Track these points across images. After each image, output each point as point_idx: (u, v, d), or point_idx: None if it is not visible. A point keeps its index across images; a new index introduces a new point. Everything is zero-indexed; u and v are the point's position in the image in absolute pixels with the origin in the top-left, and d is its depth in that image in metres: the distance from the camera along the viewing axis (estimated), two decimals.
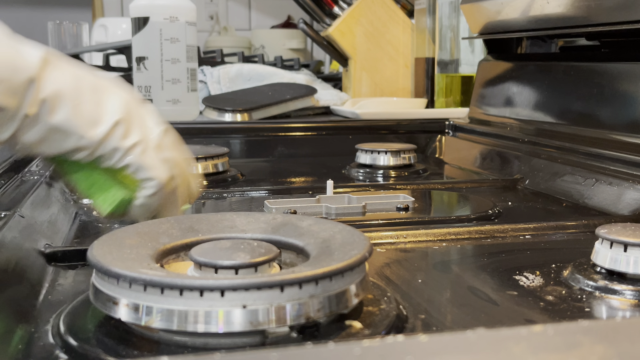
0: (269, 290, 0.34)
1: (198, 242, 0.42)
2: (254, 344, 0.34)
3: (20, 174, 0.69)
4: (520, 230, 0.58)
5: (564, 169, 0.76)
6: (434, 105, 1.30)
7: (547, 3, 0.82)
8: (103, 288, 0.36)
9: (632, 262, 0.43)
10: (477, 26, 1.03)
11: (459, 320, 0.40)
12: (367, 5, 1.35)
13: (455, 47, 1.25)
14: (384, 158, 0.92)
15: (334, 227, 0.43)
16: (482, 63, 1.08)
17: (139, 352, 0.34)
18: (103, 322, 0.37)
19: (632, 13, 0.71)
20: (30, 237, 0.51)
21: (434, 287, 0.46)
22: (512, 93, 0.97)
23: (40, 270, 0.47)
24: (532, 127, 0.91)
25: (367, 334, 0.36)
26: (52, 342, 0.36)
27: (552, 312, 0.40)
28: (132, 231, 0.42)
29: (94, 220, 0.64)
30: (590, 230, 0.58)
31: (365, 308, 0.39)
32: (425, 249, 0.55)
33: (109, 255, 0.37)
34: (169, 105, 1.12)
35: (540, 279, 0.46)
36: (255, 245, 0.39)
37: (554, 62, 0.90)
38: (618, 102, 0.76)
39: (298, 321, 0.34)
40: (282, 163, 1.07)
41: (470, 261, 0.54)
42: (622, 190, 0.67)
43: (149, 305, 0.34)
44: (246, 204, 0.71)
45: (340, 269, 0.36)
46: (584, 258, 0.47)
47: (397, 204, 0.66)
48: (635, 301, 0.42)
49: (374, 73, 1.37)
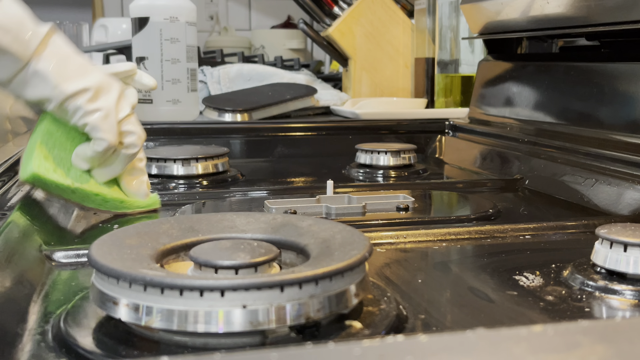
0: (269, 291, 0.34)
1: (198, 242, 0.42)
2: (254, 344, 0.34)
3: None
4: (520, 230, 0.58)
5: (564, 169, 0.76)
6: (434, 105, 1.30)
7: (547, 3, 0.82)
8: (103, 288, 0.36)
9: (632, 262, 0.43)
10: (477, 26, 1.03)
11: (459, 321, 0.40)
12: (367, 5, 1.35)
13: (455, 47, 1.25)
14: (384, 158, 0.92)
15: (334, 227, 0.43)
16: (482, 63, 1.08)
17: (139, 352, 0.34)
18: (103, 322, 0.37)
19: (632, 13, 0.71)
20: (30, 237, 0.51)
21: (434, 287, 0.46)
22: (512, 93, 0.97)
23: (40, 270, 0.47)
24: (532, 127, 0.91)
25: (367, 334, 0.36)
26: (52, 342, 0.36)
27: (552, 312, 0.40)
28: (132, 231, 0.42)
29: (94, 220, 0.64)
30: (590, 230, 0.58)
31: (365, 308, 0.39)
32: (425, 249, 0.55)
33: (109, 256, 0.37)
34: (169, 106, 1.12)
35: (540, 279, 0.46)
36: (255, 246, 0.39)
37: (554, 62, 0.90)
38: (618, 102, 0.76)
39: (298, 321, 0.34)
40: (282, 163, 1.07)
41: (470, 261, 0.54)
42: (622, 190, 0.67)
43: (149, 305, 0.34)
44: (246, 204, 0.71)
45: (340, 269, 0.36)
46: (584, 258, 0.47)
47: (397, 204, 0.66)
48: (635, 301, 0.42)
49: (374, 73, 1.37)
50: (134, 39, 1.13)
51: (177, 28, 1.10)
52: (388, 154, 0.92)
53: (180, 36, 1.11)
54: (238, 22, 2.29)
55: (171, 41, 1.10)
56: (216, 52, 1.61)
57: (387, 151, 0.92)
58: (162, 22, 1.10)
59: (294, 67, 1.62)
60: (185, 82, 1.13)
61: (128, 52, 1.31)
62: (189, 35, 1.12)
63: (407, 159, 0.93)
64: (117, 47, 1.42)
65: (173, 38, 1.10)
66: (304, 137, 1.12)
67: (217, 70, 1.35)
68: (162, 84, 1.11)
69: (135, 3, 1.12)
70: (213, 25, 2.24)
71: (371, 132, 1.13)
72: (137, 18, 1.11)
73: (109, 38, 1.76)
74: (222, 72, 1.34)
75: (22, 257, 0.47)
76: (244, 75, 1.35)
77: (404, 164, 0.93)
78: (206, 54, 1.67)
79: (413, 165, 0.94)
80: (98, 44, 1.67)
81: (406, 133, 1.13)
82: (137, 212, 0.65)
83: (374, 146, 0.94)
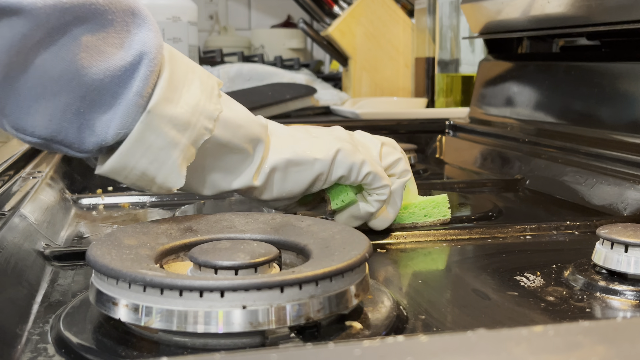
0: (269, 291, 0.33)
1: (197, 242, 0.42)
2: (254, 344, 0.34)
3: (20, 174, 0.69)
4: (521, 230, 0.58)
5: (564, 169, 0.76)
6: (434, 105, 1.30)
7: (547, 3, 0.82)
8: (102, 288, 0.36)
9: (632, 263, 0.43)
10: (478, 26, 1.03)
11: (459, 321, 0.40)
12: (367, 5, 1.35)
13: (456, 46, 1.25)
14: None
15: (334, 227, 0.43)
16: (483, 63, 1.08)
17: (138, 353, 0.34)
18: (102, 323, 0.37)
19: (632, 13, 0.70)
20: (30, 237, 0.51)
21: (434, 288, 0.46)
22: (513, 93, 0.97)
23: (39, 270, 0.47)
24: (533, 127, 0.91)
25: (367, 334, 0.36)
26: (51, 343, 0.36)
27: (553, 313, 0.40)
28: (131, 231, 0.42)
29: (93, 220, 0.64)
30: (591, 231, 0.58)
31: (365, 309, 0.39)
32: (425, 249, 0.55)
33: (108, 256, 0.37)
34: None
35: (540, 279, 0.46)
36: (255, 246, 0.39)
37: (554, 62, 0.90)
38: (618, 102, 0.75)
39: (298, 322, 0.34)
40: None
41: (471, 261, 0.54)
42: (622, 190, 0.67)
43: (148, 305, 0.34)
44: (246, 205, 0.71)
45: (340, 269, 0.35)
46: (585, 258, 0.47)
47: None
48: (635, 302, 0.42)
49: (374, 73, 1.37)
50: None
51: (179, 28, 1.10)
52: None
53: (182, 36, 1.11)
54: (238, 21, 2.29)
55: (173, 41, 1.10)
56: (216, 51, 1.60)
57: None
58: (165, 21, 1.10)
59: (293, 66, 1.62)
60: None
61: None
62: (191, 35, 1.12)
63: (407, 159, 0.93)
64: None
65: (175, 38, 1.10)
66: None
67: (216, 69, 1.35)
68: None
69: None
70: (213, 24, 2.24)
71: (371, 132, 1.12)
72: None
73: None
74: (221, 71, 1.34)
75: (22, 257, 0.47)
76: (244, 74, 1.35)
77: None
78: (206, 54, 1.67)
79: (413, 165, 0.93)
80: None
81: (406, 133, 1.13)
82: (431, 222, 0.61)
83: None
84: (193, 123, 0.44)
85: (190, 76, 0.45)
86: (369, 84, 1.37)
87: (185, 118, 0.43)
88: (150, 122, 0.42)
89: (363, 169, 0.52)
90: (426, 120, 1.15)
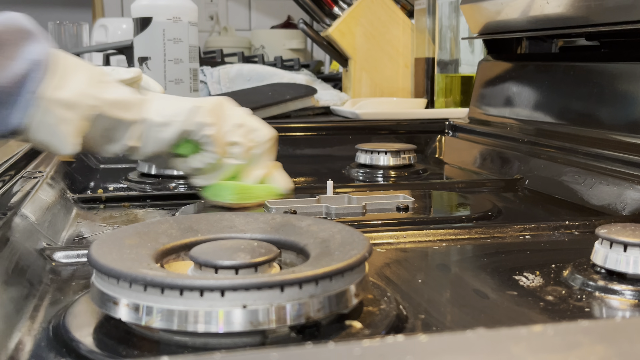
0: (269, 291, 0.34)
1: (198, 242, 0.42)
2: (254, 344, 0.34)
3: (20, 174, 0.69)
4: (520, 230, 0.58)
5: (563, 169, 0.76)
6: (433, 105, 1.30)
7: (547, 3, 0.82)
8: (103, 288, 0.36)
9: (632, 262, 0.43)
10: (477, 26, 1.03)
11: (459, 320, 0.40)
12: (367, 5, 1.35)
13: (455, 47, 1.25)
14: (383, 158, 0.92)
15: (334, 227, 0.43)
16: (482, 63, 1.08)
17: (139, 352, 0.34)
18: (103, 322, 0.37)
19: (632, 13, 0.71)
20: (30, 237, 0.51)
21: (434, 287, 0.46)
22: (512, 93, 0.97)
23: (40, 270, 0.47)
24: (532, 127, 0.91)
25: (367, 334, 0.36)
26: (52, 342, 0.36)
27: (552, 312, 0.41)
28: (131, 231, 0.42)
29: (94, 220, 0.64)
30: (590, 230, 0.58)
31: (365, 308, 0.39)
32: (425, 249, 0.55)
33: (108, 255, 0.37)
34: None
35: (540, 279, 0.46)
36: (255, 246, 0.39)
37: (554, 62, 0.90)
38: (618, 102, 0.76)
39: (298, 321, 0.34)
40: (282, 163, 1.06)
41: (470, 261, 0.54)
42: (622, 190, 0.67)
43: (149, 305, 0.34)
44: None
45: (340, 269, 0.36)
46: (584, 258, 0.47)
47: (397, 204, 0.66)
48: (635, 301, 0.42)
49: (374, 73, 1.37)
50: (135, 39, 1.12)
51: (179, 28, 1.10)
52: (388, 154, 0.92)
53: (183, 36, 1.11)
54: (238, 22, 2.29)
55: (174, 41, 1.10)
56: (216, 52, 1.61)
57: (387, 151, 0.92)
58: (165, 22, 1.10)
59: (293, 67, 1.62)
60: (188, 82, 1.13)
61: (128, 52, 1.31)
62: (191, 36, 1.12)
63: (407, 159, 0.93)
64: (117, 47, 1.42)
65: (176, 38, 1.10)
66: (304, 137, 1.12)
67: (217, 70, 1.35)
68: (165, 84, 1.11)
69: (137, 3, 1.12)
70: (213, 25, 2.24)
71: (371, 132, 1.13)
72: (139, 18, 1.11)
73: (109, 38, 1.76)
74: (222, 72, 1.34)
75: (22, 257, 0.47)
76: (244, 75, 1.35)
77: (404, 164, 0.93)
78: (206, 54, 1.67)
79: (413, 166, 0.94)
80: (98, 44, 1.67)
81: (406, 133, 1.13)
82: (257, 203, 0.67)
83: (374, 146, 0.94)
84: (79, 103, 0.55)
85: (76, 70, 0.56)
86: (368, 85, 1.37)
87: (72, 99, 0.55)
88: (42, 105, 0.54)
89: (205, 130, 0.62)
90: (426, 121, 1.15)
